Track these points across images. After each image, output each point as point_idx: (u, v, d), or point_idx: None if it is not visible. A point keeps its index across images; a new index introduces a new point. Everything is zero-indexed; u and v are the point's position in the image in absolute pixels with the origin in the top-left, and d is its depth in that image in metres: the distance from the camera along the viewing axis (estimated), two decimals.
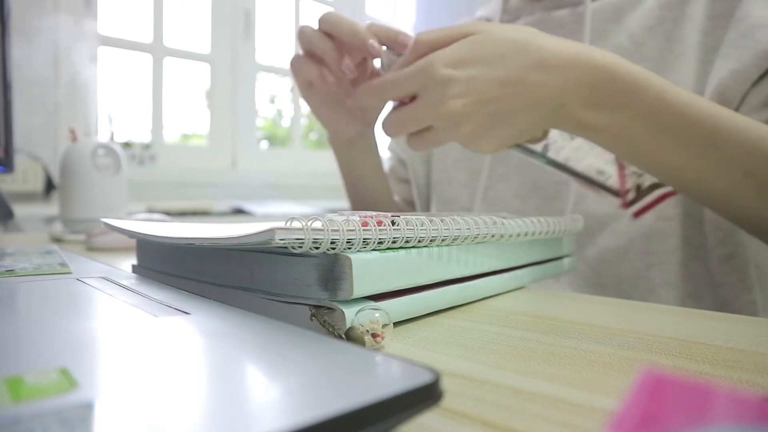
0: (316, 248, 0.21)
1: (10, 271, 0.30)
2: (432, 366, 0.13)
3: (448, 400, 0.16)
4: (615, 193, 0.40)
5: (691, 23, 0.49)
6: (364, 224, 0.22)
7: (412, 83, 0.37)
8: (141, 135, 1.56)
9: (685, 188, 0.40)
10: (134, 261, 0.35)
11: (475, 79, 0.36)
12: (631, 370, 0.19)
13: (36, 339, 0.16)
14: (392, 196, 0.64)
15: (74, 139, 0.70)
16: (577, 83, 0.36)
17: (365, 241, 0.22)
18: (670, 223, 0.49)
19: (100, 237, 0.55)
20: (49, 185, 1.25)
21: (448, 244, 0.27)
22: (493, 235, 0.29)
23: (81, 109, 1.33)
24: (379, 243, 0.23)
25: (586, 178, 0.39)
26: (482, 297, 0.31)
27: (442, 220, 0.26)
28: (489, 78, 0.36)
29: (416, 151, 0.41)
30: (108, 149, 0.71)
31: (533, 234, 0.32)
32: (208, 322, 0.19)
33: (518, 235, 0.31)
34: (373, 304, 0.22)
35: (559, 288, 0.53)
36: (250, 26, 1.76)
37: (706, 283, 0.49)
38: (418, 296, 0.25)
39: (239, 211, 1.38)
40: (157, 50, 1.57)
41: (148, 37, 1.56)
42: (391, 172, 0.73)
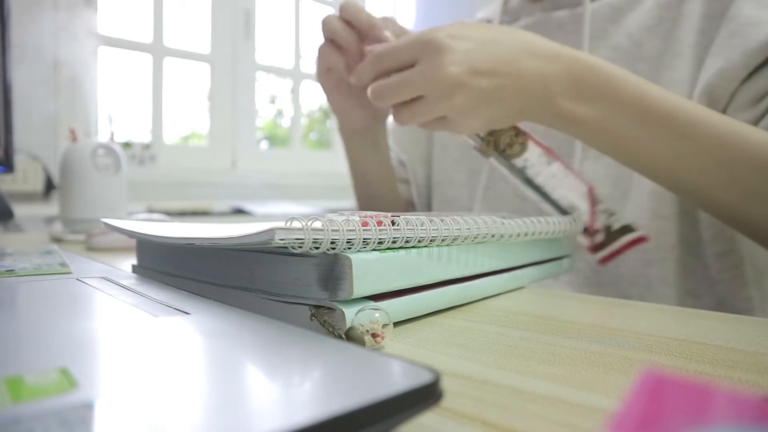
0: (316, 248, 0.21)
1: (10, 271, 0.30)
2: (432, 366, 0.13)
3: (448, 400, 0.16)
4: (584, 230, 0.41)
5: (688, 23, 0.50)
6: (364, 224, 0.22)
7: (411, 50, 0.38)
8: (141, 135, 1.56)
9: (662, 179, 0.42)
10: (134, 261, 0.35)
11: (472, 52, 0.37)
12: (631, 370, 0.19)
13: (36, 339, 0.16)
14: (398, 193, 0.65)
15: (74, 139, 0.70)
16: (560, 74, 0.38)
17: (365, 241, 0.22)
18: (666, 221, 0.49)
19: (100, 237, 0.55)
20: (49, 185, 1.25)
21: (448, 244, 0.27)
22: (493, 235, 0.29)
23: (81, 109, 1.33)
24: (379, 243, 0.23)
25: (559, 208, 0.40)
26: (482, 297, 0.31)
27: (442, 220, 0.26)
28: (485, 53, 0.37)
29: (401, 124, 0.41)
30: (108, 149, 0.71)
31: (533, 234, 0.32)
32: (208, 322, 0.19)
33: (518, 235, 0.31)
34: (373, 304, 0.22)
35: (559, 287, 0.53)
36: (250, 26, 1.76)
37: (704, 280, 0.50)
38: (418, 296, 0.25)
39: (239, 211, 1.38)
40: (157, 50, 1.58)
41: (148, 37, 1.56)
42: None
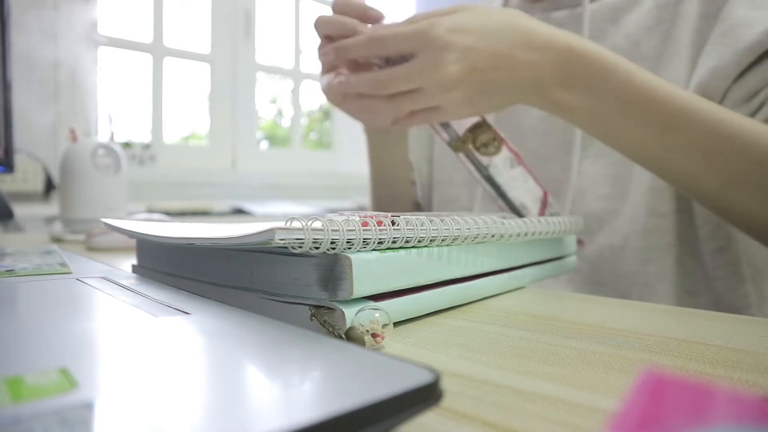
0: (316, 248, 0.21)
1: (10, 271, 0.30)
2: (432, 366, 0.13)
3: (448, 400, 0.16)
4: None
5: (685, 23, 0.50)
6: (364, 224, 0.22)
7: (412, 42, 0.38)
8: (141, 135, 1.56)
9: (650, 165, 0.42)
10: (134, 261, 0.35)
11: (472, 48, 0.37)
12: (631, 370, 0.19)
13: (36, 339, 0.16)
14: (412, 193, 0.66)
15: (74, 139, 0.70)
16: (552, 64, 0.39)
17: (365, 241, 0.22)
18: (664, 219, 0.49)
19: (100, 237, 0.55)
20: (49, 185, 1.25)
21: (448, 244, 0.27)
22: (493, 235, 0.29)
23: (81, 109, 1.33)
24: (379, 243, 0.23)
25: (511, 206, 0.42)
26: (482, 297, 0.31)
27: (442, 220, 0.26)
28: (484, 49, 0.38)
29: (399, 113, 0.41)
30: (108, 149, 0.71)
31: (533, 234, 0.32)
32: (208, 322, 0.19)
33: (518, 235, 0.31)
34: (373, 304, 0.22)
35: (559, 286, 0.54)
36: (250, 26, 1.76)
37: (701, 278, 0.50)
38: (418, 296, 0.25)
39: (239, 211, 1.38)
40: (157, 50, 1.58)
41: (148, 37, 1.56)
42: None
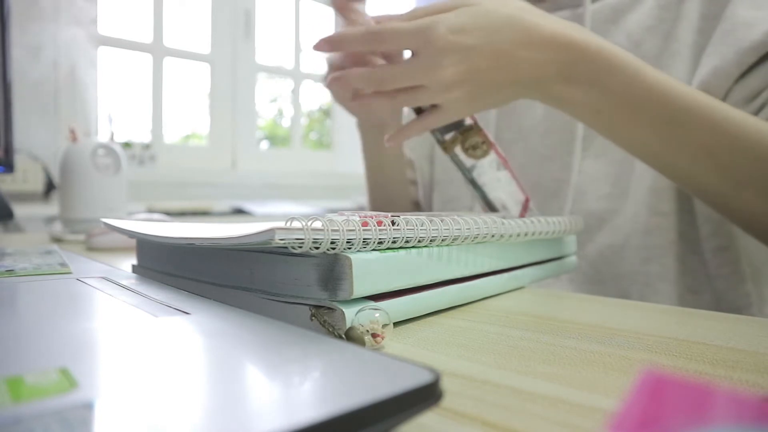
0: (316, 248, 0.21)
1: (10, 271, 0.30)
2: (432, 366, 0.13)
3: (448, 400, 0.16)
4: None
5: (687, 23, 0.50)
6: (364, 224, 0.22)
7: (413, 40, 0.37)
8: (141, 135, 1.56)
9: (652, 162, 0.42)
10: (134, 261, 0.35)
11: (473, 48, 0.37)
12: (631, 370, 0.19)
13: (36, 339, 0.16)
14: (409, 193, 0.66)
15: (74, 139, 0.70)
16: (554, 61, 0.38)
17: (365, 241, 0.22)
18: (665, 218, 0.49)
19: (100, 237, 0.55)
20: (49, 185, 1.25)
21: (448, 244, 0.27)
22: (493, 235, 0.29)
23: (81, 109, 1.33)
24: (379, 243, 0.23)
25: (491, 206, 0.43)
26: (482, 297, 0.31)
27: (442, 220, 0.26)
28: (485, 50, 0.37)
29: (396, 106, 0.41)
30: (108, 149, 0.71)
31: (533, 234, 0.32)
32: (208, 322, 0.19)
33: (518, 235, 0.31)
34: (373, 304, 0.22)
35: (559, 285, 0.54)
36: (250, 26, 1.76)
37: (703, 277, 0.50)
38: (418, 296, 0.25)
39: (239, 211, 1.38)
40: (157, 50, 1.58)
41: (148, 37, 1.56)
42: None
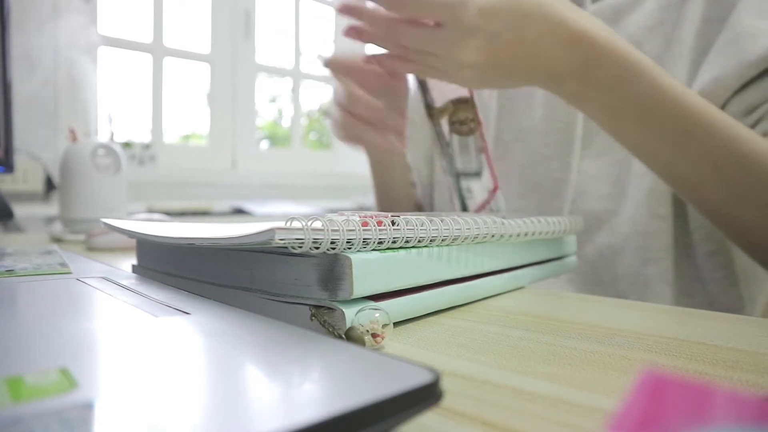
0: (316, 248, 0.21)
1: (10, 271, 0.30)
2: (432, 366, 0.13)
3: (448, 400, 0.16)
4: (464, 208, 0.46)
5: (689, 24, 0.50)
6: (364, 224, 0.22)
7: (441, 12, 0.36)
8: (141, 135, 1.56)
9: (656, 169, 0.42)
10: (134, 261, 0.35)
11: (498, 36, 0.36)
12: (631, 370, 0.19)
13: (36, 339, 0.16)
14: (411, 189, 0.68)
15: (74, 139, 0.70)
16: (574, 61, 0.38)
17: (365, 241, 0.22)
18: (664, 221, 0.49)
19: (100, 237, 0.55)
20: (49, 185, 1.25)
21: (448, 244, 0.27)
22: (493, 235, 0.29)
23: (81, 109, 1.33)
24: (379, 243, 0.23)
25: (458, 186, 0.44)
26: (482, 297, 0.31)
27: (442, 220, 0.26)
28: (510, 38, 0.37)
29: (406, 71, 0.40)
30: (108, 149, 0.71)
31: (533, 234, 0.32)
32: (208, 322, 0.19)
33: (518, 235, 0.31)
34: (373, 304, 0.22)
35: (559, 285, 0.54)
36: (250, 26, 1.76)
37: (696, 280, 0.50)
38: (418, 296, 0.25)
39: (239, 211, 1.38)
40: (157, 50, 1.57)
41: (148, 37, 1.56)
42: None
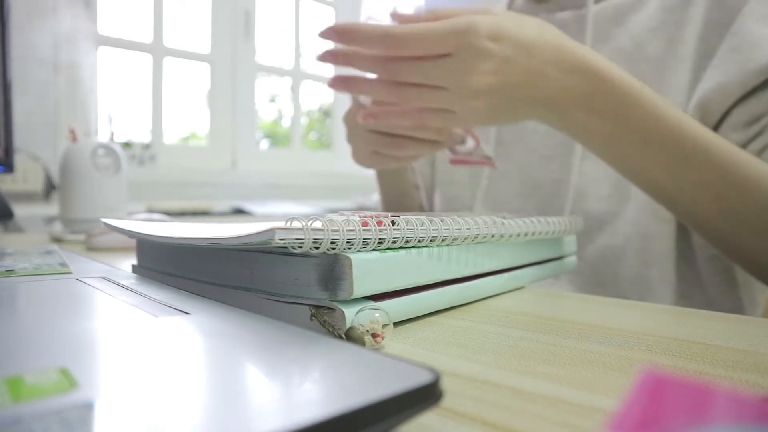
0: (316, 248, 0.21)
1: (10, 271, 0.30)
2: (432, 366, 0.13)
3: (448, 400, 0.16)
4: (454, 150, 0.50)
5: (692, 27, 0.49)
6: (364, 224, 0.22)
7: (449, 42, 0.35)
8: (141, 135, 1.56)
9: (657, 196, 0.42)
10: (134, 261, 0.35)
11: (509, 61, 0.36)
12: (631, 370, 0.19)
13: (36, 339, 0.16)
14: (416, 191, 0.68)
15: (74, 139, 0.70)
16: (578, 87, 0.38)
17: (365, 241, 0.22)
18: (667, 224, 0.49)
19: (100, 237, 0.55)
20: (49, 185, 1.25)
21: (448, 244, 0.27)
22: (493, 235, 0.29)
23: (81, 109, 1.33)
24: (379, 243, 0.23)
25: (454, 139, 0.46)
26: (482, 297, 0.31)
27: (442, 220, 0.26)
28: (520, 63, 0.36)
29: (404, 100, 0.39)
30: (108, 149, 0.71)
31: (533, 234, 0.32)
32: (208, 322, 0.19)
33: (518, 235, 0.31)
34: (373, 304, 0.22)
35: (559, 286, 0.54)
36: (250, 26, 1.76)
37: (696, 283, 0.50)
38: (418, 296, 0.25)
39: (239, 211, 1.38)
40: (157, 50, 1.57)
41: (148, 37, 1.56)
42: None
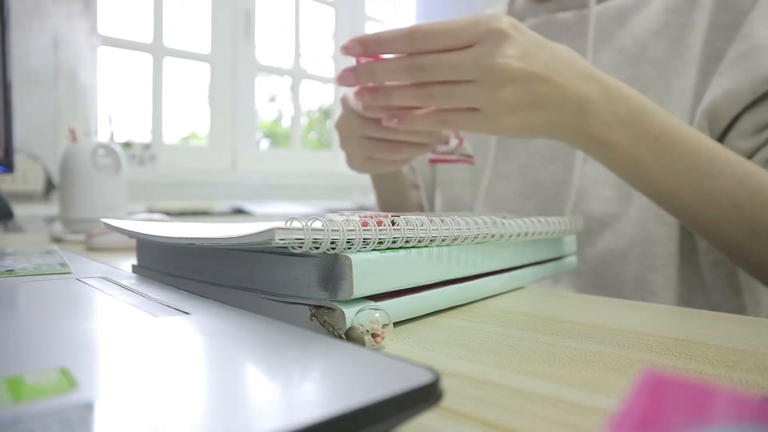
0: (316, 248, 0.21)
1: (10, 271, 0.30)
2: (432, 366, 0.13)
3: (448, 400, 0.16)
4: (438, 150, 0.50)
5: (696, 30, 0.49)
6: (364, 224, 0.22)
7: (471, 33, 0.36)
8: (141, 135, 1.56)
9: (679, 213, 0.41)
10: (134, 261, 0.35)
11: (531, 49, 0.36)
12: (631, 370, 0.19)
13: (36, 339, 0.16)
14: (415, 190, 0.69)
15: (74, 139, 0.70)
16: (597, 94, 0.38)
17: (365, 241, 0.22)
18: (669, 227, 0.49)
19: (100, 237, 0.55)
20: (49, 185, 1.25)
21: (448, 244, 0.27)
22: (493, 235, 0.29)
23: (81, 109, 1.33)
24: (379, 243, 0.23)
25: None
26: (482, 297, 0.31)
27: (442, 220, 0.26)
28: (539, 56, 0.36)
29: (429, 104, 0.38)
30: (108, 149, 0.71)
31: (533, 234, 0.32)
32: (208, 322, 0.19)
33: (518, 235, 0.31)
34: (373, 304, 0.22)
35: (561, 289, 0.53)
36: (250, 26, 1.76)
37: (698, 288, 0.50)
38: (418, 296, 0.25)
39: (239, 211, 1.38)
40: (157, 50, 1.57)
41: (148, 37, 1.56)
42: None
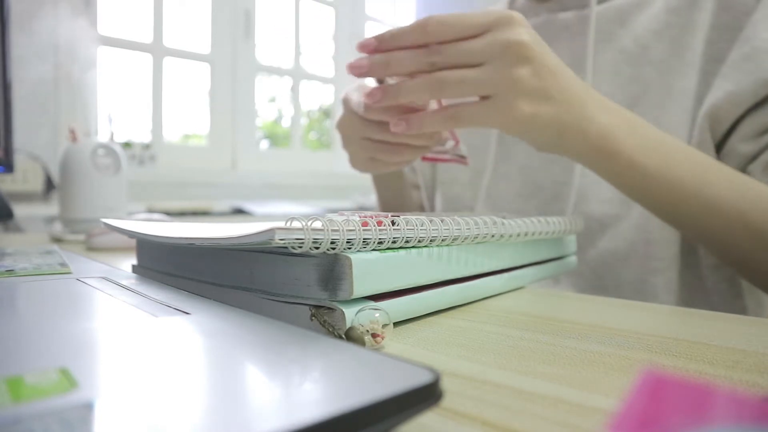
0: (316, 248, 0.21)
1: (10, 271, 0.30)
2: (432, 366, 0.13)
3: (448, 400, 0.16)
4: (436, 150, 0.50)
5: (699, 31, 0.49)
6: (364, 224, 0.22)
7: (486, 18, 0.36)
8: (141, 135, 1.56)
9: (684, 224, 0.41)
10: (134, 261, 0.35)
11: (538, 40, 0.36)
12: (631, 370, 0.19)
13: (36, 339, 0.16)
14: (415, 191, 0.69)
15: (74, 139, 0.70)
16: (593, 102, 0.38)
17: (365, 241, 0.22)
18: (671, 230, 0.49)
19: (100, 237, 0.55)
20: (49, 185, 1.25)
21: (448, 244, 0.27)
22: (493, 235, 0.29)
23: (81, 109, 1.33)
24: (379, 243, 0.23)
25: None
26: (482, 297, 0.31)
27: (442, 220, 0.26)
28: (553, 56, 0.37)
29: (441, 94, 0.37)
30: (108, 149, 0.71)
31: (533, 234, 0.32)
32: (208, 322, 0.19)
33: (518, 235, 0.31)
34: (373, 304, 0.22)
35: (561, 290, 0.53)
36: (250, 26, 1.76)
37: (699, 291, 0.50)
38: (418, 296, 0.25)
39: (239, 211, 1.38)
40: (157, 50, 1.57)
41: (148, 37, 1.56)
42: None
